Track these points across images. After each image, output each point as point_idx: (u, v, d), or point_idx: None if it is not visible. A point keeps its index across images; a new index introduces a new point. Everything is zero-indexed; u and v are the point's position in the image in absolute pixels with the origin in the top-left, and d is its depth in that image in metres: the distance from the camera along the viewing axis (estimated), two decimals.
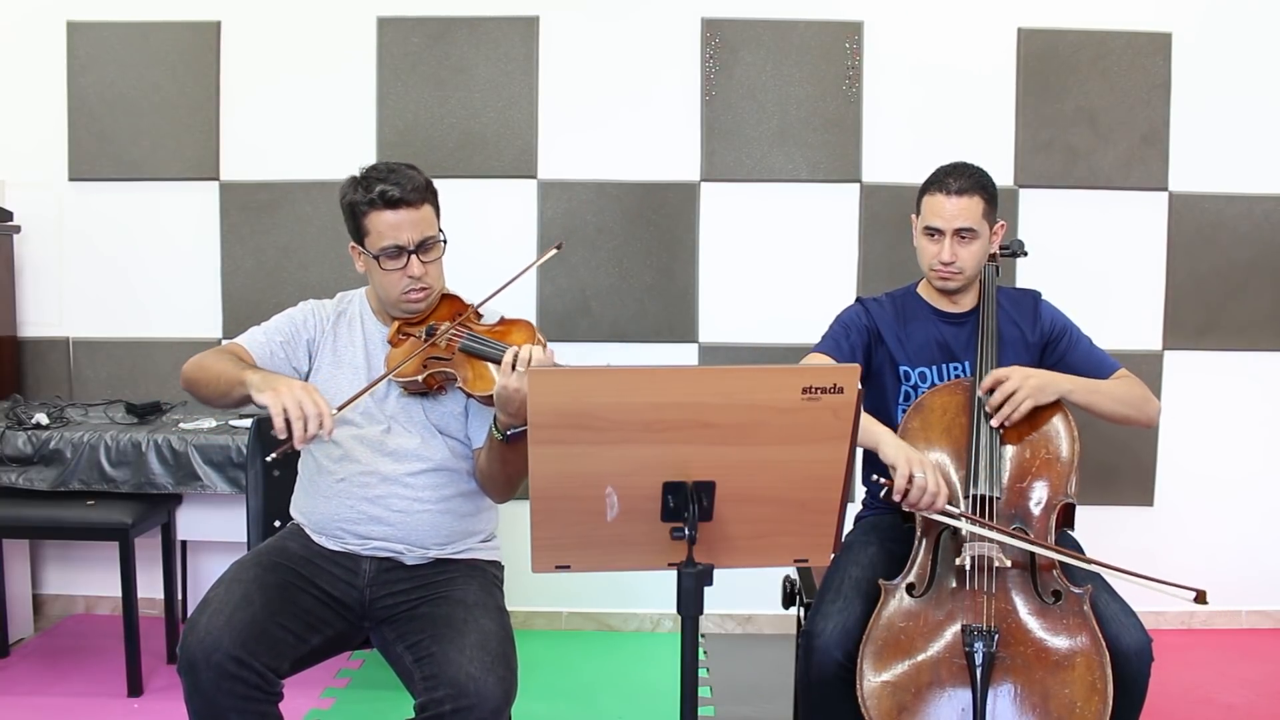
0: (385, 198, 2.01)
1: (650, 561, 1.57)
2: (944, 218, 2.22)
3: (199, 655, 1.78)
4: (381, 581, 2.04)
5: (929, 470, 1.99)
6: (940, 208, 2.22)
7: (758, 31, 3.40)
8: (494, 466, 2.02)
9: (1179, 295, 3.46)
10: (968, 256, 2.24)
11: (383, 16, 3.41)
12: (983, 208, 2.23)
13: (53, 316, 3.51)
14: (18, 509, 2.90)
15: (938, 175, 2.26)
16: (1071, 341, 2.33)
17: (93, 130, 3.45)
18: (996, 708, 1.86)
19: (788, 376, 1.48)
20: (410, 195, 2.03)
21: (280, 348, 2.11)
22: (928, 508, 1.98)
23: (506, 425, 1.93)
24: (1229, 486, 3.52)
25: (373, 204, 2.02)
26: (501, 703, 1.81)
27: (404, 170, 2.05)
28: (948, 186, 2.22)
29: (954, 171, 2.24)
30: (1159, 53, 3.40)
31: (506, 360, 1.89)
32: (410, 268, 2.03)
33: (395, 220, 2.02)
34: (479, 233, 3.37)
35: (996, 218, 2.30)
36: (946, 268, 2.24)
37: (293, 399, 1.80)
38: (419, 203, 2.04)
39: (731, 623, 3.54)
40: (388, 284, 2.06)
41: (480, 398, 1.98)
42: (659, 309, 3.47)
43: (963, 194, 2.21)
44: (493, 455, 2.01)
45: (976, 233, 2.23)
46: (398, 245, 2.02)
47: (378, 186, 2.02)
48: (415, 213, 2.03)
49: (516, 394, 1.87)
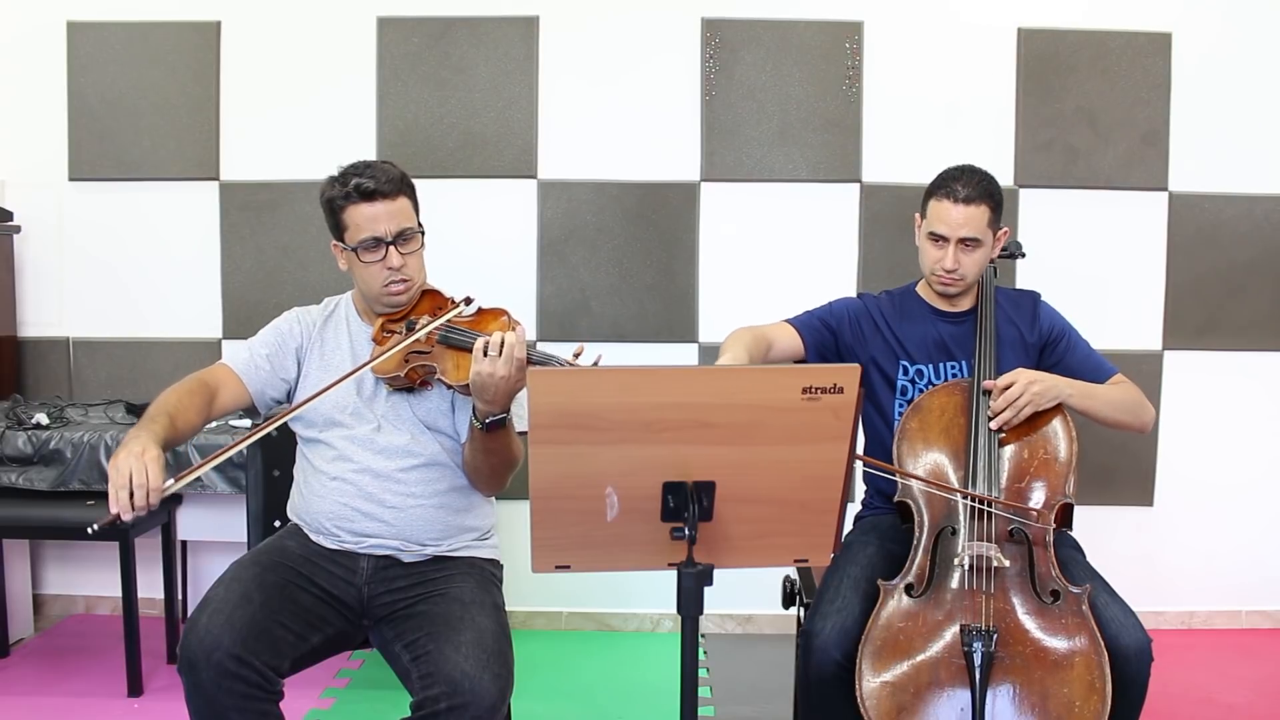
0: (361, 190, 2.04)
1: (650, 561, 1.57)
2: (950, 225, 2.21)
3: (199, 655, 1.78)
4: (380, 579, 2.04)
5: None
6: (947, 215, 2.21)
7: (758, 31, 3.40)
8: (477, 458, 2.03)
9: (1179, 295, 3.46)
10: (970, 264, 2.24)
11: (383, 16, 3.41)
12: (989, 216, 2.22)
13: (53, 316, 3.51)
14: (18, 509, 2.90)
15: (946, 179, 2.24)
16: (1070, 344, 2.33)
17: (93, 130, 3.45)
18: (995, 708, 1.86)
19: (788, 376, 1.48)
20: (385, 187, 2.05)
21: (265, 360, 2.13)
22: None
23: (485, 414, 1.93)
24: (1229, 487, 3.52)
25: (349, 198, 2.05)
26: (497, 700, 1.82)
27: (378, 164, 2.08)
28: (955, 194, 2.20)
29: (962, 177, 2.22)
30: (1159, 53, 3.40)
31: (478, 347, 1.90)
32: (389, 259, 2.05)
33: (372, 213, 2.04)
34: (479, 233, 3.38)
35: (1000, 224, 2.30)
36: (949, 275, 2.25)
37: (126, 467, 1.74)
38: (394, 194, 2.06)
39: (731, 623, 3.54)
40: (368, 277, 2.08)
41: (459, 388, 1.99)
42: (659, 309, 3.47)
43: (970, 203, 2.19)
44: (475, 446, 2.01)
45: (981, 242, 2.23)
46: (375, 237, 2.04)
47: (353, 180, 2.05)
48: (391, 204, 2.05)
49: (490, 379, 1.88)
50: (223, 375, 2.11)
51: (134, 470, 1.75)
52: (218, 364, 2.15)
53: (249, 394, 2.12)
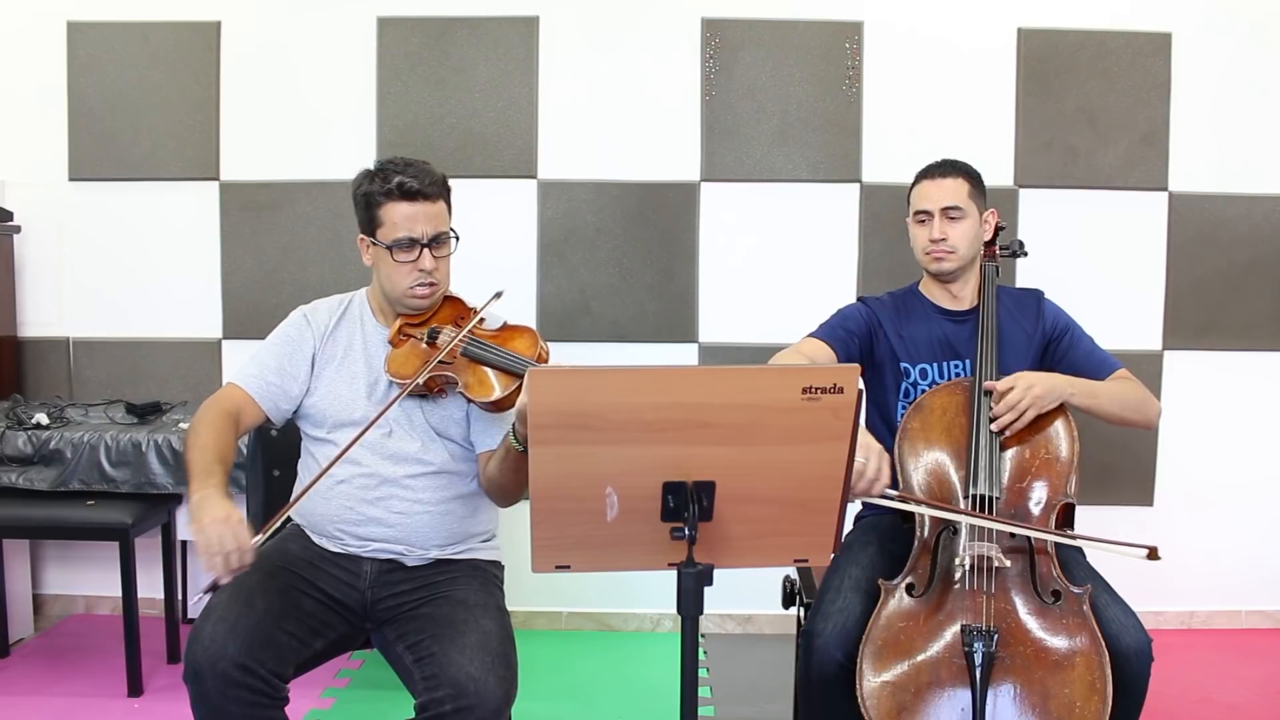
0: (403, 189, 2.02)
1: (650, 561, 1.57)
2: (931, 200, 2.30)
3: (204, 663, 1.78)
4: (383, 583, 2.04)
5: (872, 455, 1.94)
6: (926, 191, 2.32)
7: (758, 31, 3.40)
8: (506, 475, 2.00)
9: (1179, 295, 3.46)
10: (958, 235, 2.28)
11: (383, 16, 3.41)
12: (968, 189, 2.30)
13: (53, 316, 3.51)
14: (18, 509, 2.90)
15: (921, 169, 2.37)
16: (1073, 341, 2.33)
17: (93, 130, 3.45)
18: (996, 708, 1.86)
19: (788, 376, 1.48)
20: (429, 189, 2.04)
21: (275, 375, 2.08)
22: (864, 493, 1.96)
23: (526, 437, 1.90)
24: (1229, 487, 3.52)
25: (389, 194, 2.02)
26: (501, 703, 1.81)
27: (420, 164, 2.06)
28: (931, 173, 2.34)
29: (936, 163, 2.36)
30: (1159, 53, 3.40)
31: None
32: (422, 261, 2.04)
33: (411, 212, 2.02)
34: (479, 233, 3.37)
35: (986, 205, 2.35)
36: (938, 245, 2.28)
37: (215, 535, 1.73)
38: (436, 197, 2.05)
39: (731, 623, 3.54)
40: (396, 276, 2.06)
41: (481, 404, 1.98)
42: (659, 309, 3.47)
43: (946, 175, 2.31)
44: (506, 465, 1.98)
45: (964, 211, 2.28)
46: (411, 238, 2.03)
47: (396, 178, 2.02)
48: (431, 206, 2.04)
49: None
50: (239, 399, 2.05)
51: (223, 537, 1.72)
52: (228, 385, 2.09)
53: (264, 413, 2.08)
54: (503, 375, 2.00)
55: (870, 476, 1.92)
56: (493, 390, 1.97)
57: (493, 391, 1.96)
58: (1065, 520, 2.11)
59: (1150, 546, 1.91)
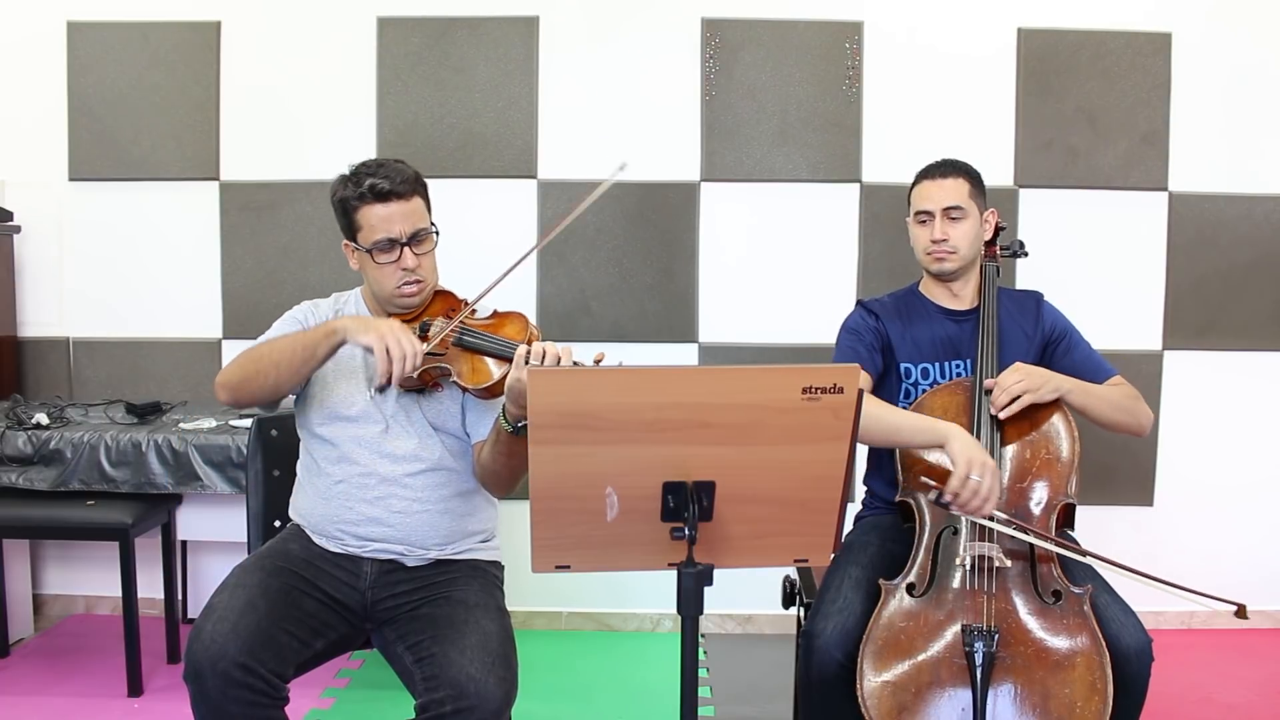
0: (375, 191, 2.01)
1: (650, 561, 1.57)
2: (932, 200, 2.29)
3: (205, 663, 1.78)
4: (383, 583, 2.04)
5: (988, 474, 1.96)
6: (927, 192, 2.31)
7: (758, 31, 3.40)
8: (499, 460, 2.00)
9: (1179, 295, 3.46)
10: (959, 235, 2.28)
11: (383, 16, 3.41)
12: (968, 189, 2.29)
13: (53, 316, 3.51)
14: (18, 509, 2.90)
15: (922, 169, 2.37)
16: (1071, 344, 2.34)
17: (93, 130, 3.45)
18: (997, 708, 1.86)
19: (788, 376, 1.48)
20: (400, 187, 2.03)
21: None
22: (974, 512, 1.96)
23: (516, 417, 1.90)
24: (1229, 487, 3.52)
25: (363, 198, 2.02)
26: (502, 704, 1.81)
27: (392, 164, 2.06)
28: (931, 173, 2.33)
29: (936, 163, 2.35)
30: (1159, 53, 3.40)
31: (520, 355, 1.88)
32: (403, 260, 2.03)
33: (386, 213, 2.02)
34: (479, 233, 3.37)
35: (986, 205, 2.35)
36: (939, 246, 2.28)
37: (394, 339, 1.89)
38: (409, 195, 2.04)
39: (731, 623, 3.54)
40: (382, 278, 2.06)
41: (476, 391, 1.98)
42: (659, 309, 3.47)
43: (946, 175, 2.30)
44: (498, 449, 1.99)
45: (965, 211, 2.28)
46: (390, 238, 2.02)
47: (367, 180, 2.02)
48: (406, 205, 2.04)
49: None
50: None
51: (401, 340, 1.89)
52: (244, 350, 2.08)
53: None
54: (496, 361, 2.00)
55: (984, 495, 1.92)
56: (488, 377, 1.97)
57: (488, 378, 1.97)
58: (1066, 521, 2.11)
59: (1239, 604, 1.88)
